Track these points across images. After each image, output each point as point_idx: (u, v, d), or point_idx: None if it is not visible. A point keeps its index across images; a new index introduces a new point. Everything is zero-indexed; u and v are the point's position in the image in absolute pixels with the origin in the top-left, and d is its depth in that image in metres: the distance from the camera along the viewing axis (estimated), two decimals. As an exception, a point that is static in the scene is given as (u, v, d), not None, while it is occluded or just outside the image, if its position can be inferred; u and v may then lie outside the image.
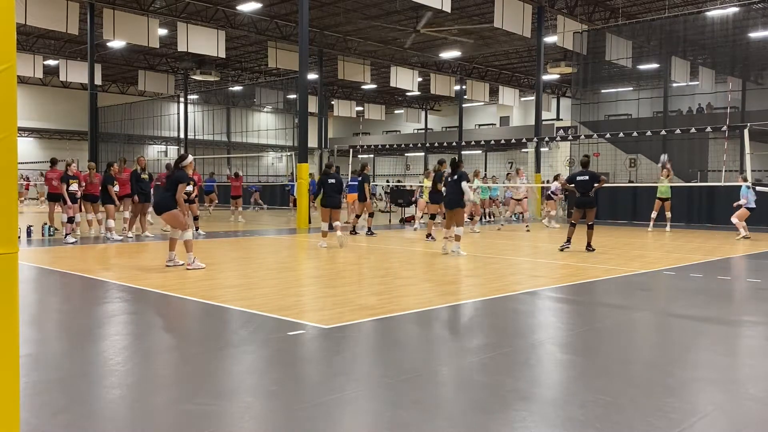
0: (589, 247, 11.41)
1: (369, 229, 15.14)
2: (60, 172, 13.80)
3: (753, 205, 14.34)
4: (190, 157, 9.10)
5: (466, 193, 10.69)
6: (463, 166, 11.05)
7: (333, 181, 12.47)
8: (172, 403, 3.63)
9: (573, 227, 11.66)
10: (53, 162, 14.87)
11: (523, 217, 18.60)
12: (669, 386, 3.92)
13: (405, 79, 32.96)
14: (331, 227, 12.45)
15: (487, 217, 21.09)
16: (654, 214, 16.92)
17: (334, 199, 12.39)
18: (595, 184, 11.34)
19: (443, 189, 11.97)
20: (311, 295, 7.03)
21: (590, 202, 11.38)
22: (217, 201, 24.36)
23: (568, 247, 11.43)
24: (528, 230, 16.95)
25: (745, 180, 14.33)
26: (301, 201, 17.41)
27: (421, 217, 17.13)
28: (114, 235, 12.98)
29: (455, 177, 10.70)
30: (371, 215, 15.44)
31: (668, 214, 16.65)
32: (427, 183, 15.84)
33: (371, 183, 16.90)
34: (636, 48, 26.98)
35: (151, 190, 14.82)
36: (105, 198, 13.12)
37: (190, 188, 14.51)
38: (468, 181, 10.91)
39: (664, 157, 20.36)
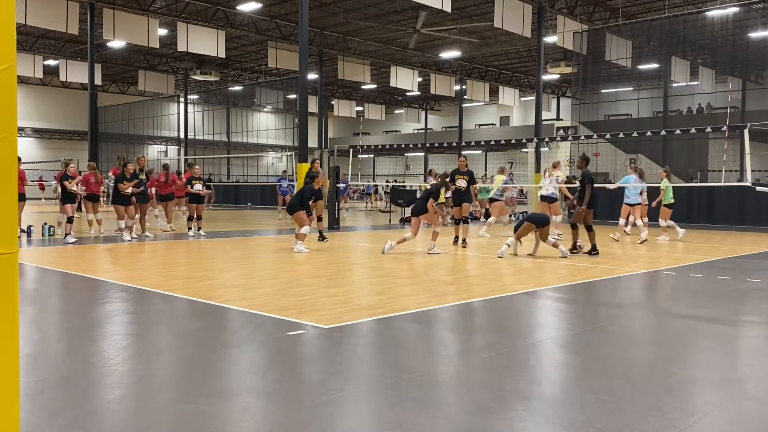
0: None
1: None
2: None
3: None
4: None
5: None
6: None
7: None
8: (172, 403, 3.63)
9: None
10: None
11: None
12: (669, 386, 3.92)
13: (405, 79, 32.95)
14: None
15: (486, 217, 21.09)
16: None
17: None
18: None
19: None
20: (311, 295, 7.02)
21: None
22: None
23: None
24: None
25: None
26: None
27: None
28: (125, 235, 12.97)
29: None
30: (464, 221, 12.60)
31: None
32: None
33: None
34: (636, 48, 26.97)
35: (148, 190, 14.76)
36: (116, 198, 13.04)
37: (199, 187, 14.42)
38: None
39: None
